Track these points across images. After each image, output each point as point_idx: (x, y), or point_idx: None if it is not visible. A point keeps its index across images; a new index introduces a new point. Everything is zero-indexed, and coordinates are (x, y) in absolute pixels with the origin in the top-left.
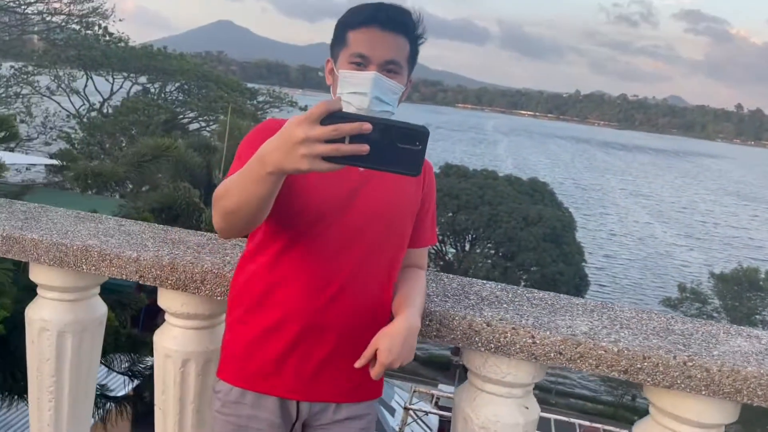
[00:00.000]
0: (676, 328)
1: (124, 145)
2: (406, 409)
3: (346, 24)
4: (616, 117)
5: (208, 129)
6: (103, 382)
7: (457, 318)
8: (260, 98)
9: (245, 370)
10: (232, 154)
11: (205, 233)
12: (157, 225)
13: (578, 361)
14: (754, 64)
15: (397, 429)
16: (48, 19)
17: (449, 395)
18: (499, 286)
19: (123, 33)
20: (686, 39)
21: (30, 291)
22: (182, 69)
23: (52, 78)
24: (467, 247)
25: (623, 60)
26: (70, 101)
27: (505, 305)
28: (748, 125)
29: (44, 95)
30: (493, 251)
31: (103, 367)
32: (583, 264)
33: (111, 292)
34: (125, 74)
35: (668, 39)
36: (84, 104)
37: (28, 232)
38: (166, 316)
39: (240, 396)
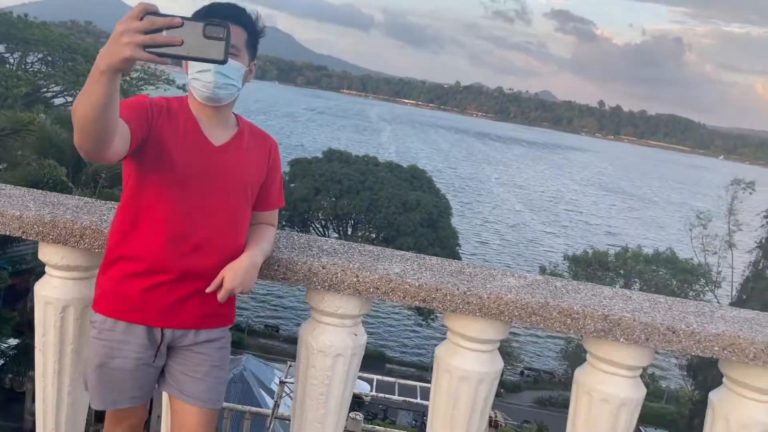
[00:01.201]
0: (466, 271)
1: None
2: (281, 383)
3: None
4: (493, 109)
5: None
6: None
7: (299, 263)
8: (133, 74)
9: (117, 304)
10: None
11: (82, 197)
12: (36, 190)
13: (390, 293)
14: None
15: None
16: None
17: None
18: (338, 242)
19: None
20: (556, 37)
21: None
22: (46, 39)
23: None
24: (349, 231)
25: (500, 54)
26: None
27: (339, 255)
28: (608, 120)
29: None
30: (374, 235)
31: None
32: (458, 249)
33: None
34: None
35: (540, 36)
36: None
37: None
38: (47, 269)
39: (113, 325)
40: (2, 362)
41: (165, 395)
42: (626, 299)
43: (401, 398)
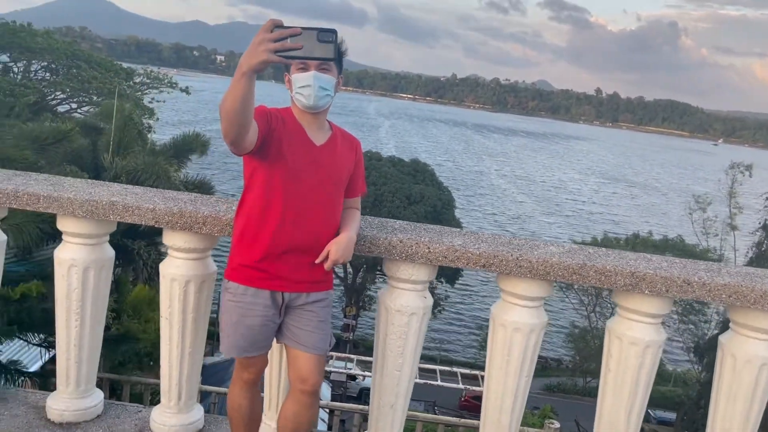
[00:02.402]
0: (514, 242)
1: None
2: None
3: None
4: (490, 100)
5: (80, 111)
6: (16, 357)
7: (381, 238)
8: (137, 79)
9: (247, 275)
10: (119, 136)
11: (192, 194)
12: (153, 188)
13: (456, 261)
14: (611, 51)
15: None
16: None
17: (339, 370)
18: (406, 222)
19: None
20: (551, 26)
21: None
22: (50, 47)
23: None
24: None
25: (495, 45)
26: None
27: (409, 232)
28: (606, 108)
29: None
30: None
31: (18, 341)
32: None
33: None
34: None
35: (534, 26)
36: None
37: (63, 192)
38: (170, 251)
39: (245, 290)
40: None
41: (276, 348)
42: (647, 260)
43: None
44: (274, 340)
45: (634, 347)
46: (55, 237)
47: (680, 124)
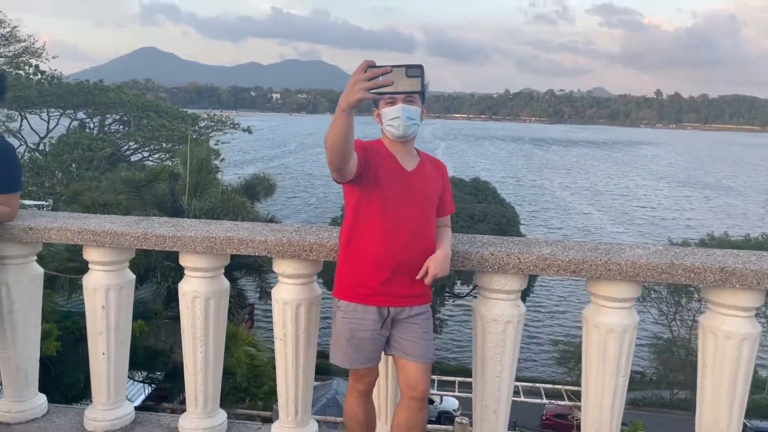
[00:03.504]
0: (601, 247)
1: (65, 183)
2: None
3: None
4: (546, 112)
5: (151, 158)
6: None
7: (473, 253)
8: (201, 123)
9: (355, 292)
10: (194, 180)
11: (296, 224)
12: (256, 222)
13: (547, 269)
14: (668, 51)
15: None
16: None
17: None
18: (493, 237)
19: (55, 70)
20: (602, 32)
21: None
22: (121, 101)
23: None
24: None
25: (546, 57)
26: None
27: (498, 245)
28: (668, 110)
29: None
30: None
31: None
32: None
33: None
34: (61, 110)
35: (585, 34)
36: (21, 144)
37: (185, 232)
38: (280, 278)
39: (354, 307)
40: (155, 388)
41: (383, 361)
42: (735, 256)
43: None
44: (383, 352)
45: (729, 341)
46: (145, 278)
47: (749, 118)
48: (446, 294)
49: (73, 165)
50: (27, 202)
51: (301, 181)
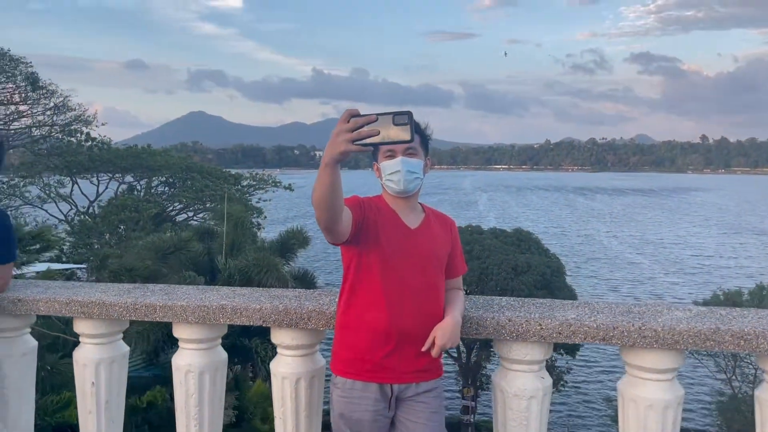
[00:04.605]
0: (634, 309)
1: (112, 244)
2: None
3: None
4: (588, 161)
5: (195, 218)
6: None
7: (488, 319)
8: (244, 182)
9: (354, 368)
10: (231, 239)
11: (296, 289)
12: (258, 288)
13: (572, 336)
14: (711, 96)
15: None
16: (34, 132)
17: None
18: (512, 299)
19: (105, 136)
20: (641, 80)
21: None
22: (168, 164)
23: (41, 187)
24: None
25: (586, 106)
26: (58, 208)
27: (518, 309)
28: (715, 154)
29: (35, 205)
30: None
31: None
32: None
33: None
34: (110, 175)
35: (625, 82)
36: (72, 208)
37: (177, 301)
38: (279, 349)
39: (352, 384)
40: None
41: None
42: None
43: None
44: None
45: None
46: (170, 341)
47: None
48: (491, 348)
49: (121, 226)
50: (58, 266)
51: None
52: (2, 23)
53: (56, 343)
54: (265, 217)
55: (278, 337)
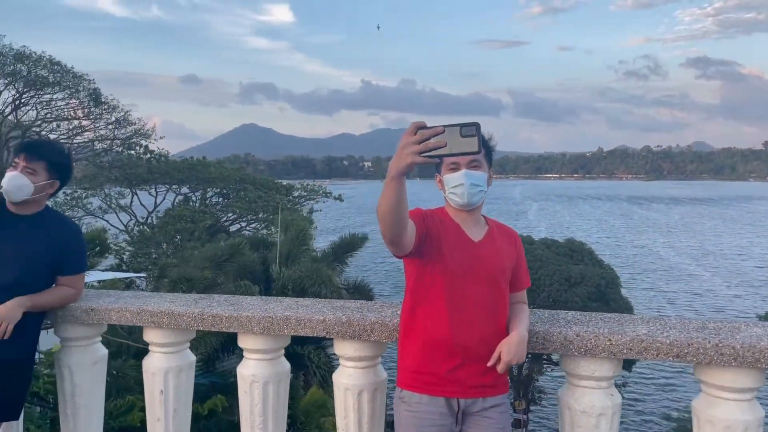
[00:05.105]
0: (710, 325)
1: (169, 253)
2: None
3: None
4: (643, 169)
5: (248, 228)
6: None
7: (554, 334)
8: (295, 193)
9: (420, 381)
10: (287, 248)
11: (358, 300)
12: (321, 299)
13: (643, 352)
14: None
15: None
16: (96, 146)
17: None
18: (578, 314)
19: (162, 149)
20: (699, 85)
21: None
22: (221, 175)
23: (102, 199)
24: None
25: (640, 113)
26: (119, 218)
27: (585, 324)
28: None
29: (97, 216)
30: None
31: None
32: None
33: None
34: (167, 186)
35: (681, 87)
36: (131, 219)
37: (242, 311)
38: (341, 361)
39: (419, 398)
40: None
41: None
42: None
43: None
44: None
45: None
46: (235, 348)
47: None
48: (544, 361)
49: (177, 236)
50: (120, 274)
51: None
52: (65, 41)
53: (120, 349)
54: (316, 227)
55: (341, 348)
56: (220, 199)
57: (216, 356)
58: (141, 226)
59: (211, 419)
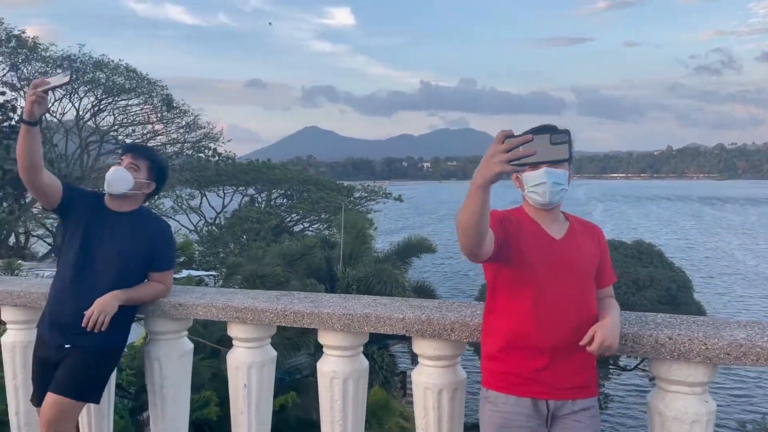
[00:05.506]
0: None
1: (236, 253)
2: None
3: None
4: (716, 168)
5: (311, 229)
6: None
7: (645, 336)
8: (356, 194)
9: (506, 381)
10: (350, 248)
11: (436, 300)
12: (398, 298)
13: (742, 358)
14: None
15: None
16: (168, 149)
17: None
18: (668, 316)
19: (229, 151)
20: None
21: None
22: (286, 177)
23: (174, 200)
24: None
25: (712, 109)
26: (189, 219)
27: (677, 326)
28: None
29: (169, 216)
30: None
31: None
32: None
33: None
34: (234, 187)
35: (756, 82)
36: (200, 219)
37: (323, 308)
38: (420, 359)
39: (505, 399)
40: None
41: None
42: None
43: None
44: None
45: None
46: (299, 346)
47: None
48: (610, 366)
49: (244, 236)
50: (193, 272)
51: (450, 248)
52: (139, 49)
53: (197, 347)
54: (376, 228)
55: (420, 347)
56: (285, 200)
57: (281, 354)
58: (210, 227)
59: (281, 415)
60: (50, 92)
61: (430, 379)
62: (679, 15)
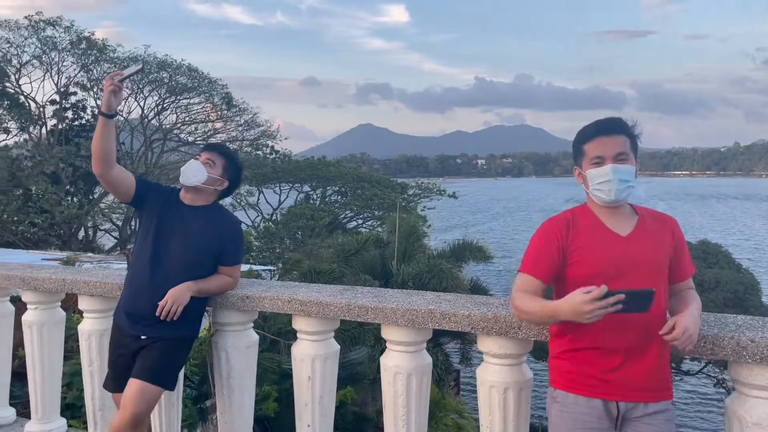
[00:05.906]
0: None
1: (292, 248)
2: None
3: (580, 140)
4: None
5: (364, 226)
6: None
7: (726, 338)
8: (410, 191)
9: (576, 382)
10: (403, 246)
11: (500, 297)
12: (462, 294)
13: None
14: None
15: None
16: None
17: None
18: (749, 318)
19: (286, 149)
20: None
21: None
22: (340, 174)
23: (233, 196)
24: None
25: None
26: (247, 215)
27: (759, 329)
28: None
29: None
30: None
31: None
32: None
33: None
34: (290, 184)
35: None
36: (258, 215)
37: (387, 303)
38: (485, 357)
39: (575, 399)
40: None
41: None
42: None
43: None
44: None
45: None
46: (358, 340)
47: None
48: (672, 369)
49: (299, 233)
50: (254, 267)
51: (505, 246)
52: (200, 49)
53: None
54: (429, 225)
55: (486, 344)
56: (339, 197)
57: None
58: (267, 223)
59: (339, 411)
60: (126, 82)
61: (495, 378)
62: (744, 6)
